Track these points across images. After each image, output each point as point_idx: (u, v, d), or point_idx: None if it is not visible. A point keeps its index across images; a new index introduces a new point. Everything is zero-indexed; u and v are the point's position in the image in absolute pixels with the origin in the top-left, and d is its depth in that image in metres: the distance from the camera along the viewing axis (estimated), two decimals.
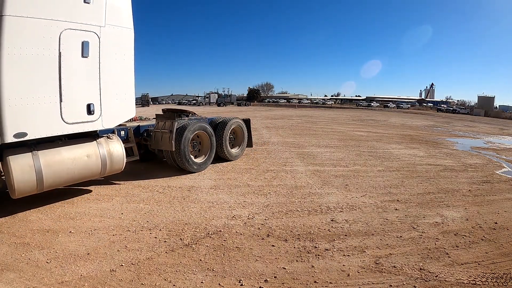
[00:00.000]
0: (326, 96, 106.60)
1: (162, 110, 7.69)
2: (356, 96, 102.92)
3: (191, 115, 7.94)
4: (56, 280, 3.02)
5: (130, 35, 5.52)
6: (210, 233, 4.10)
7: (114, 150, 5.36)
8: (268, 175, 7.05)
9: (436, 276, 3.15)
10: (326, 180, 6.71)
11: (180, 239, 3.93)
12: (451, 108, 60.62)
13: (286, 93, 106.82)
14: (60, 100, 4.54)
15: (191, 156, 7.07)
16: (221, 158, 8.15)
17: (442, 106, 66.40)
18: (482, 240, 4.01)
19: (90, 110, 4.94)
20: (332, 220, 4.54)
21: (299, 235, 4.07)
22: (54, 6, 4.38)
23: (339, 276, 3.15)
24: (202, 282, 3.03)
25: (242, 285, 3.00)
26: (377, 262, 3.42)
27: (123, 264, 3.31)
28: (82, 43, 4.75)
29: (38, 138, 4.41)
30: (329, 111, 45.03)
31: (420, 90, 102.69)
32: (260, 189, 6.01)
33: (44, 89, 4.36)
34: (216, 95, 65.90)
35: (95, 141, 5.17)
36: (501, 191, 6.18)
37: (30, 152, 4.35)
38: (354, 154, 9.82)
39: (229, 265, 3.35)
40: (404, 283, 3.03)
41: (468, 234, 4.16)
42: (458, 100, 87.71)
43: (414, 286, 2.98)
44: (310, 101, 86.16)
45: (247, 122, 9.05)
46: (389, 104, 69.80)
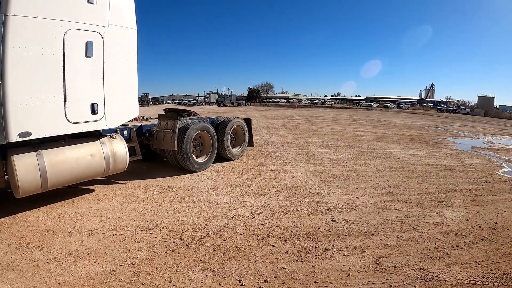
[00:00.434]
0: (326, 96, 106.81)
1: (164, 110, 7.70)
2: (356, 96, 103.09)
3: (192, 115, 7.96)
4: (56, 280, 3.02)
5: (133, 35, 5.55)
6: (210, 233, 4.10)
7: (117, 150, 5.38)
8: (268, 175, 7.05)
9: (436, 276, 3.15)
10: (326, 180, 6.72)
11: (180, 239, 3.93)
12: (451, 108, 60.64)
13: (286, 93, 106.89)
14: (64, 100, 4.55)
15: (193, 155, 7.09)
16: (222, 157, 8.17)
17: (442, 106, 66.43)
18: (482, 240, 4.01)
19: (94, 110, 4.96)
20: (332, 220, 4.54)
21: (299, 235, 4.07)
22: (58, 6, 4.40)
23: (339, 276, 3.16)
24: (202, 282, 3.03)
25: (242, 285, 3.00)
26: (377, 262, 3.42)
27: (123, 264, 3.32)
28: (86, 43, 4.77)
29: (43, 137, 4.43)
30: (329, 111, 45.04)
31: (420, 90, 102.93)
32: (260, 189, 6.01)
33: (48, 88, 4.38)
34: (216, 95, 65.94)
35: (98, 140, 5.18)
36: (501, 191, 6.18)
37: (34, 152, 4.36)
38: (354, 154, 9.82)
39: (229, 265, 3.35)
40: (404, 283, 3.03)
41: (468, 234, 4.16)
42: (458, 100, 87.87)
43: (414, 286, 2.98)
44: (310, 101, 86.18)
45: (248, 122, 9.09)
46: (389, 104, 69.83)
